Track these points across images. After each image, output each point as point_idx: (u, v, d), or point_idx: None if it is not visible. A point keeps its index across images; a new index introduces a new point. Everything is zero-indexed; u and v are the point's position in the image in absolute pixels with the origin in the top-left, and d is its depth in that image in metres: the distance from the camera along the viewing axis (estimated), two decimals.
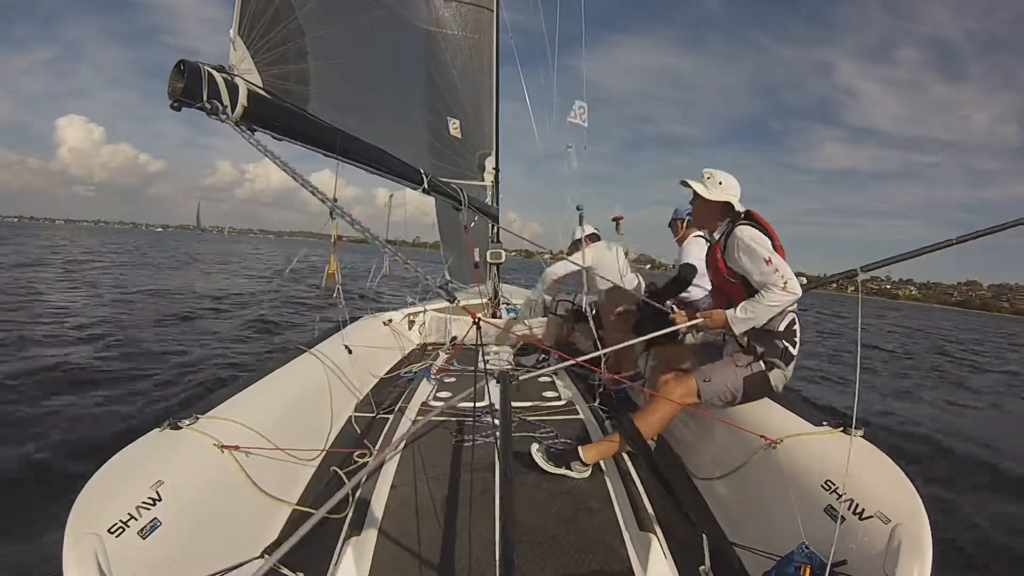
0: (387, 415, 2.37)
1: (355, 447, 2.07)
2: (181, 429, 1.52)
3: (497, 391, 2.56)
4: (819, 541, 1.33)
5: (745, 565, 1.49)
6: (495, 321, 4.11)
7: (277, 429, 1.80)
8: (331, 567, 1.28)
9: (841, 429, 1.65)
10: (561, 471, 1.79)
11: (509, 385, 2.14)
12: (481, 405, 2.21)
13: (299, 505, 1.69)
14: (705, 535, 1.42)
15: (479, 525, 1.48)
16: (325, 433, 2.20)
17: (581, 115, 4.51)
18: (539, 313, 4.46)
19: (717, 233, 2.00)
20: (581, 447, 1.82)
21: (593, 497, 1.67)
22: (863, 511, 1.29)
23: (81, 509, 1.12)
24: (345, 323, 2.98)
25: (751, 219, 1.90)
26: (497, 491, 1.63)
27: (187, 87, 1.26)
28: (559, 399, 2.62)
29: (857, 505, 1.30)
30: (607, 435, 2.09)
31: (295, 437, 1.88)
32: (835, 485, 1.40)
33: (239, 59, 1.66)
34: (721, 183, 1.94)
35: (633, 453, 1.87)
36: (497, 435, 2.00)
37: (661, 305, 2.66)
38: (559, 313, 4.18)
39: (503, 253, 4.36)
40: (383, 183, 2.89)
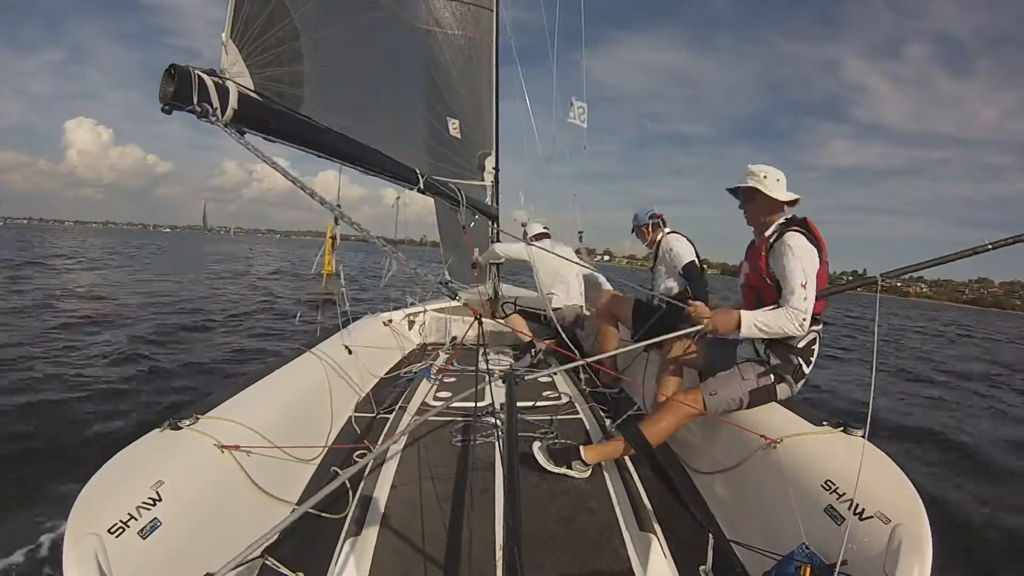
0: (387, 415, 2.38)
1: (355, 447, 2.07)
2: (181, 429, 1.51)
3: (497, 391, 2.56)
4: (819, 541, 1.33)
5: (745, 565, 1.49)
6: (496, 320, 4.10)
7: (277, 429, 1.80)
8: (331, 567, 1.28)
9: (841, 429, 1.65)
10: (562, 470, 1.79)
11: (514, 385, 2.14)
12: (481, 405, 2.21)
13: (299, 505, 1.69)
14: (714, 535, 1.42)
15: (479, 525, 1.48)
16: (325, 433, 2.20)
17: (580, 115, 4.51)
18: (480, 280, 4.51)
19: (770, 230, 1.90)
20: (583, 447, 1.82)
21: (593, 497, 1.67)
22: (863, 511, 1.28)
23: (81, 509, 1.12)
24: (345, 323, 2.99)
25: (806, 227, 1.83)
26: (498, 491, 1.63)
27: (177, 90, 1.28)
28: (559, 399, 2.62)
29: (857, 505, 1.30)
30: (609, 436, 2.09)
31: (295, 437, 1.88)
32: (835, 485, 1.40)
33: (231, 62, 1.67)
34: (779, 180, 1.87)
35: (634, 453, 1.87)
36: (497, 435, 2.00)
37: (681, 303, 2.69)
38: (507, 312, 4.17)
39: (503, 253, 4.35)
40: (390, 183, 2.89)
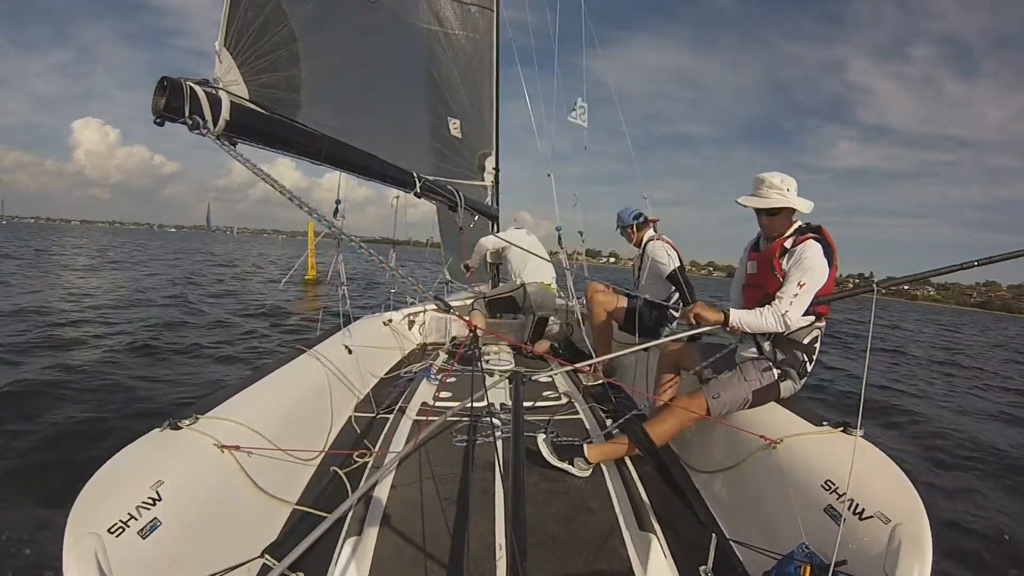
0: (387, 415, 2.37)
1: (355, 447, 2.06)
2: (181, 429, 1.51)
3: (497, 391, 2.56)
4: (819, 541, 1.33)
5: (745, 565, 1.49)
6: (492, 329, 4.09)
7: (277, 429, 1.80)
8: (331, 567, 1.28)
9: (841, 429, 1.65)
10: (564, 465, 1.79)
11: (521, 385, 2.13)
12: (481, 405, 2.21)
13: (299, 505, 1.69)
14: (714, 535, 1.42)
15: (480, 525, 1.48)
16: (325, 433, 2.20)
17: (581, 115, 4.51)
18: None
19: (785, 234, 1.90)
20: (586, 445, 1.83)
21: (593, 497, 1.67)
22: (863, 511, 1.28)
23: (81, 509, 1.12)
24: (345, 323, 2.99)
25: (821, 234, 1.85)
26: (498, 491, 1.63)
27: (169, 102, 1.28)
28: (559, 398, 2.63)
29: (857, 505, 1.30)
30: (609, 436, 2.09)
31: (295, 437, 1.88)
32: (835, 485, 1.40)
33: (224, 71, 1.66)
34: (788, 190, 1.87)
35: (634, 453, 1.87)
36: (498, 435, 2.00)
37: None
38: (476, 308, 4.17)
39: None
40: (389, 187, 2.89)
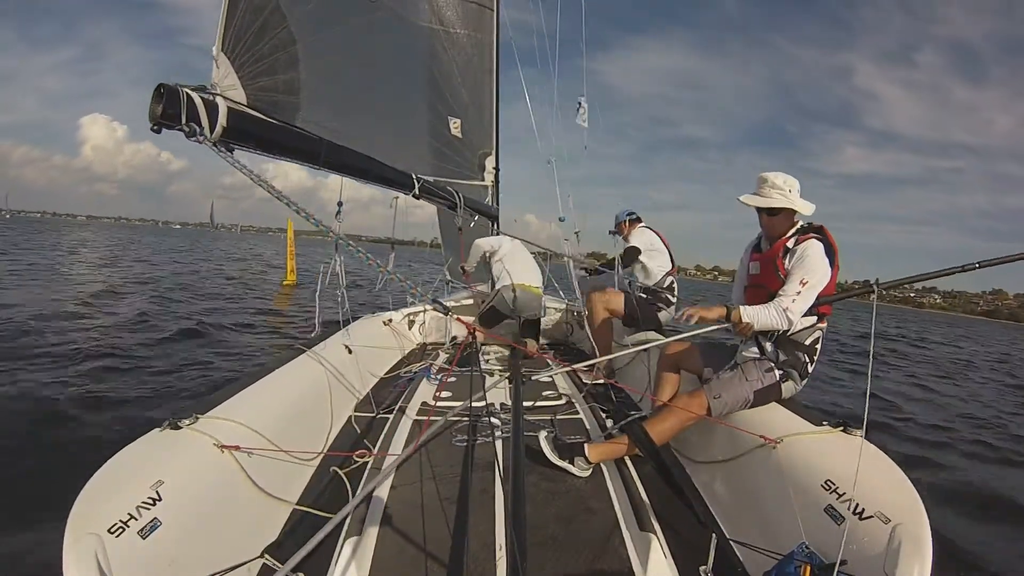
0: (387, 415, 2.37)
1: (355, 447, 2.06)
2: (181, 429, 1.51)
3: (497, 391, 2.56)
4: (819, 541, 1.33)
5: (745, 565, 1.49)
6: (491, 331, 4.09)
7: (277, 429, 1.80)
8: (331, 567, 1.28)
9: (841, 429, 1.65)
10: (564, 464, 1.79)
11: (521, 385, 2.13)
12: (481, 405, 2.21)
13: (299, 505, 1.69)
14: (714, 535, 1.42)
15: (480, 525, 1.48)
16: (325, 433, 2.20)
17: (582, 116, 4.53)
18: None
19: (786, 236, 1.91)
20: (587, 445, 1.83)
21: (593, 497, 1.67)
22: (863, 511, 1.28)
23: (81, 509, 1.12)
24: (345, 323, 2.99)
25: (823, 234, 1.86)
26: (498, 491, 1.63)
27: (166, 110, 1.27)
28: (559, 399, 2.63)
29: (857, 505, 1.30)
30: (609, 436, 2.09)
31: (295, 437, 1.88)
32: (835, 485, 1.40)
33: (222, 76, 1.64)
34: (791, 191, 1.87)
35: (634, 453, 1.87)
36: (498, 434, 2.00)
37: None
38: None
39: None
40: (389, 190, 2.89)
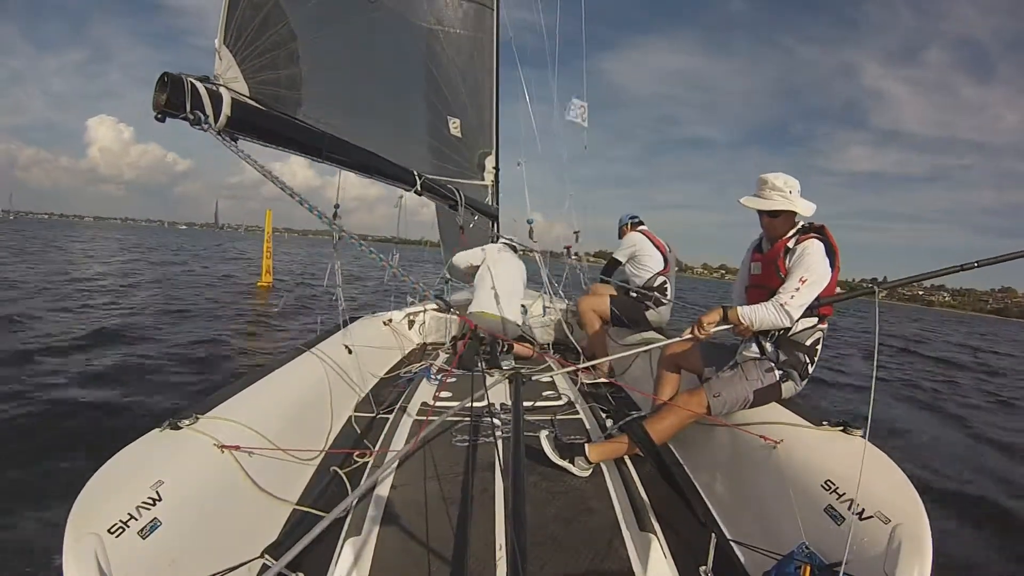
0: (387, 415, 2.37)
1: (355, 447, 2.06)
2: (181, 429, 1.51)
3: (497, 391, 2.56)
4: (819, 541, 1.33)
5: (745, 565, 1.49)
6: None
7: (277, 429, 1.80)
8: (331, 567, 1.28)
9: (841, 429, 1.65)
10: (565, 464, 1.79)
11: (521, 385, 2.13)
12: (481, 405, 2.21)
13: (299, 505, 1.69)
14: (714, 535, 1.42)
15: (480, 525, 1.48)
16: (325, 433, 2.20)
17: (581, 114, 4.51)
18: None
19: (787, 236, 1.91)
20: (588, 445, 1.83)
21: (593, 497, 1.67)
22: (863, 511, 1.28)
23: (81, 509, 1.12)
24: (345, 323, 2.98)
25: (823, 234, 1.87)
26: (498, 491, 1.63)
27: (170, 98, 1.27)
28: (559, 399, 2.62)
29: (857, 505, 1.30)
30: (609, 436, 2.09)
31: (295, 437, 1.88)
32: (835, 485, 1.40)
33: (225, 68, 1.67)
34: (791, 192, 1.87)
35: (634, 453, 1.87)
36: (498, 435, 2.00)
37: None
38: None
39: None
40: (390, 185, 2.89)
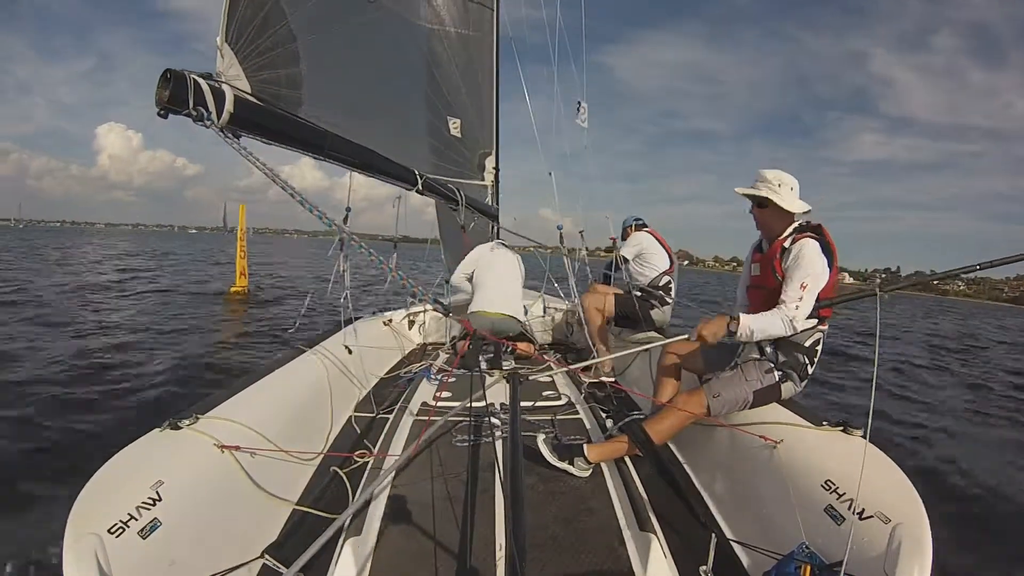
0: (387, 415, 2.37)
1: (355, 447, 2.07)
2: (181, 429, 1.52)
3: (497, 391, 2.56)
4: (819, 541, 1.33)
5: (745, 565, 1.49)
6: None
7: (277, 429, 1.80)
8: (331, 567, 1.28)
9: (841, 429, 1.65)
10: (564, 465, 1.79)
11: (518, 385, 2.13)
12: (481, 405, 2.21)
13: (299, 505, 1.69)
14: (714, 535, 1.42)
15: (480, 525, 1.48)
16: (325, 433, 2.20)
17: (582, 116, 4.53)
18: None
19: (783, 234, 1.90)
20: (587, 445, 1.83)
21: (593, 497, 1.67)
22: (863, 511, 1.29)
23: (81, 509, 1.12)
24: (346, 323, 2.99)
25: (820, 233, 1.85)
26: (498, 491, 1.63)
27: (173, 95, 1.28)
28: (559, 399, 2.62)
29: (857, 505, 1.30)
30: (609, 436, 2.10)
31: (295, 437, 1.88)
32: (835, 485, 1.40)
33: (227, 66, 1.68)
34: (792, 189, 1.87)
35: (634, 453, 1.87)
36: (498, 435, 2.00)
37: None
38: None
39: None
40: (391, 184, 2.89)
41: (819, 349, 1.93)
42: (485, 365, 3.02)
